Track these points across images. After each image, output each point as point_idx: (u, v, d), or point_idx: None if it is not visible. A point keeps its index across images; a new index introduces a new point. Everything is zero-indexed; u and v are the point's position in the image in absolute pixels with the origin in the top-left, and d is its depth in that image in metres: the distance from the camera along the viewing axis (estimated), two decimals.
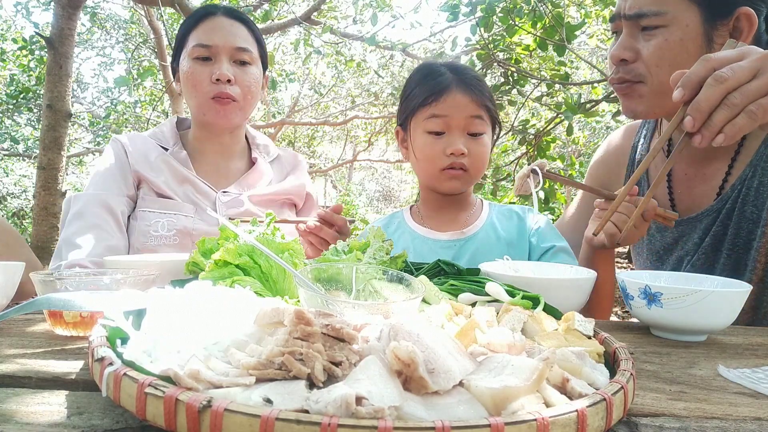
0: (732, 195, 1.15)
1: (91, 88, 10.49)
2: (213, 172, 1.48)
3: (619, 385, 0.47)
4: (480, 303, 0.74)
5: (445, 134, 1.22)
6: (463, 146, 1.20)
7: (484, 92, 1.24)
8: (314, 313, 0.49)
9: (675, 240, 1.25)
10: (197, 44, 1.36)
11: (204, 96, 1.36)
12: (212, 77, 1.34)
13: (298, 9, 6.38)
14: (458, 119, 1.21)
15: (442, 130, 1.22)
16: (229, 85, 1.35)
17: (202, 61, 1.36)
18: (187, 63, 1.37)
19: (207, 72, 1.35)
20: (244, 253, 0.76)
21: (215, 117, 1.38)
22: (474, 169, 1.24)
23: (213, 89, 1.35)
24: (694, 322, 0.78)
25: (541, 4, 2.86)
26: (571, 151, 7.33)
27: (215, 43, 1.35)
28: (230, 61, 1.37)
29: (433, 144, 1.22)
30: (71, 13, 4.22)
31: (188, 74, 1.37)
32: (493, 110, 1.27)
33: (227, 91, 1.35)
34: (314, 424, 0.36)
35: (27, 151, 9.51)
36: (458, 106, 1.21)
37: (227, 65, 1.36)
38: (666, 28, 1.08)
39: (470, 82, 1.24)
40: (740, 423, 0.50)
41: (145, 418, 0.41)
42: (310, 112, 11.05)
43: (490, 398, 0.42)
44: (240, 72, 1.38)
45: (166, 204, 1.37)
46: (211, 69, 1.35)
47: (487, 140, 1.24)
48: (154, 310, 0.54)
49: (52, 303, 0.61)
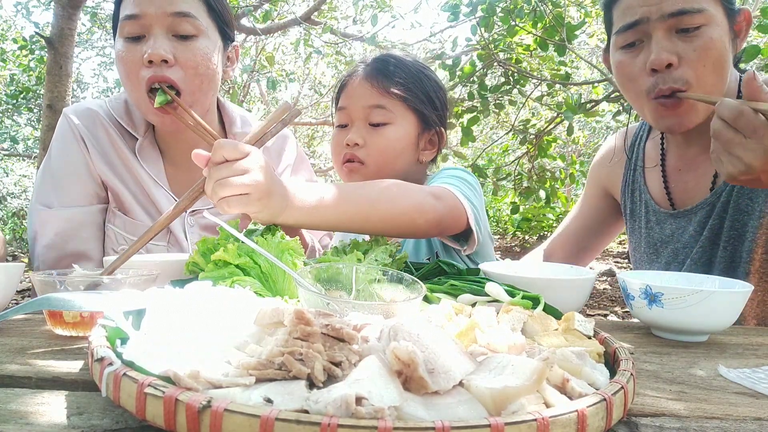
0: (726, 188, 1.15)
1: (91, 88, 10.48)
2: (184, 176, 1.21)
3: (619, 385, 0.47)
4: (480, 303, 0.74)
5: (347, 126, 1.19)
6: (359, 137, 1.15)
7: (392, 80, 1.15)
8: (314, 313, 0.49)
9: (672, 232, 1.25)
10: (125, 16, 1.05)
11: (139, 87, 1.05)
12: (143, 59, 1.03)
13: (298, 9, 6.38)
14: (356, 109, 1.17)
15: (346, 122, 1.19)
16: (167, 67, 1.04)
17: (132, 41, 1.05)
18: (118, 44, 1.07)
19: (139, 54, 1.03)
20: (244, 253, 0.76)
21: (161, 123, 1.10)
22: (372, 162, 1.16)
23: (146, 75, 1.03)
24: (695, 322, 0.78)
25: (541, 4, 2.86)
26: (571, 150, 7.33)
27: (144, 11, 1.03)
28: (168, 34, 1.05)
29: (336, 137, 1.20)
30: (71, 13, 4.22)
31: (118, 59, 1.06)
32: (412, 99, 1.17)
33: (165, 74, 1.03)
34: (314, 424, 0.36)
35: (27, 151, 9.50)
36: (356, 96, 1.17)
37: (162, 40, 1.04)
38: (708, 26, 1.03)
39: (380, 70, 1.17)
40: (740, 423, 0.50)
41: (145, 418, 0.41)
42: (310, 112, 11.05)
43: (490, 398, 0.42)
44: (181, 47, 1.05)
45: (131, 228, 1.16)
46: (143, 48, 1.04)
47: (391, 131, 1.16)
48: (153, 310, 0.54)
49: (52, 303, 0.61)
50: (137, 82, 1.05)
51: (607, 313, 4.20)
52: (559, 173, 3.77)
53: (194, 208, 1.21)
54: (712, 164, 0.90)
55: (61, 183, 1.15)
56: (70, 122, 1.17)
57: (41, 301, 0.61)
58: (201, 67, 1.08)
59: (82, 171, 1.15)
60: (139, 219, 1.17)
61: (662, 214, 1.28)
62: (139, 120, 1.20)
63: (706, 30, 1.03)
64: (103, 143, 1.16)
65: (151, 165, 1.18)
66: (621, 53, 1.12)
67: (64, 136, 1.17)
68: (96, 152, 1.15)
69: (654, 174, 1.31)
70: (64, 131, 1.18)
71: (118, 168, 1.16)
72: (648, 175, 1.33)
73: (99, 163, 1.15)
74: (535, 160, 3.63)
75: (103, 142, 1.16)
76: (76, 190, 1.15)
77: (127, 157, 1.17)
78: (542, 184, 3.66)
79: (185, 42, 1.06)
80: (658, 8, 1.04)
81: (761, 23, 2.32)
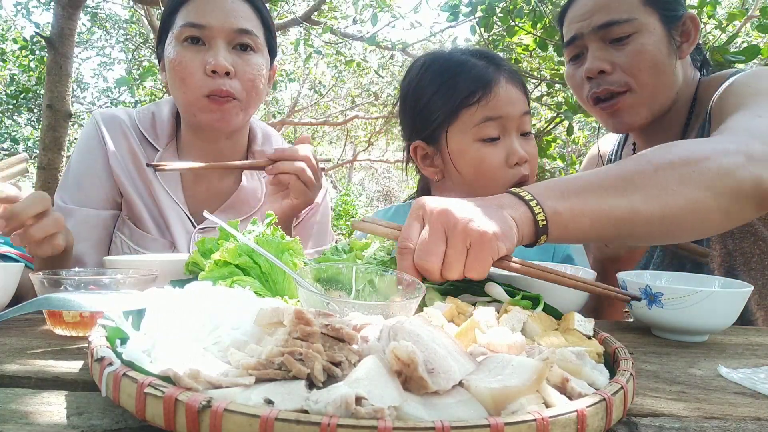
0: None
1: (91, 88, 10.49)
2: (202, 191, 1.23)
3: (619, 385, 0.47)
4: (480, 303, 0.74)
5: (500, 139, 1.01)
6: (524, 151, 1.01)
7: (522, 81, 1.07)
8: (314, 313, 0.49)
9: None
10: (186, 23, 1.08)
11: (195, 92, 1.09)
12: (206, 68, 1.07)
13: (298, 9, 6.38)
14: (514, 119, 1.01)
15: (498, 135, 1.01)
16: (228, 79, 1.08)
17: (192, 46, 1.08)
18: (174, 48, 1.09)
19: (199, 60, 1.07)
20: (244, 253, 0.76)
21: (210, 119, 1.11)
22: (532, 177, 1.04)
23: (207, 84, 1.07)
24: (695, 322, 0.78)
25: (541, 4, 2.86)
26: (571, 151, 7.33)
27: (209, 22, 1.07)
28: (228, 47, 1.09)
29: (492, 154, 1.00)
30: (71, 13, 4.22)
31: (175, 62, 1.09)
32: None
33: (226, 88, 1.07)
34: (314, 424, 0.36)
35: (27, 151, 9.50)
36: (512, 102, 1.00)
37: (225, 52, 1.08)
38: (638, 34, 1.09)
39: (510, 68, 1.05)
40: (740, 423, 0.50)
41: (145, 418, 0.41)
42: (310, 112, 11.04)
43: (490, 398, 0.42)
44: (241, 62, 1.10)
45: (139, 239, 1.17)
46: (204, 57, 1.07)
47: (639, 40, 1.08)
48: (153, 310, 0.54)
49: (52, 303, 0.61)
50: (194, 85, 1.08)
51: None
52: (559, 173, 3.77)
53: (204, 226, 1.21)
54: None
55: (81, 183, 1.18)
56: (96, 126, 1.19)
57: (41, 301, 0.61)
58: (256, 81, 1.12)
59: (102, 174, 1.17)
60: (147, 230, 1.17)
61: None
62: (163, 133, 1.22)
63: (637, 37, 1.09)
64: (122, 151, 1.18)
65: (167, 178, 1.20)
66: (569, 66, 1.22)
67: (89, 138, 1.20)
68: (115, 158, 1.17)
69: None
70: (90, 134, 1.20)
71: (134, 177, 1.18)
72: None
73: (117, 168, 1.17)
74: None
75: (123, 150, 1.18)
76: (94, 192, 1.18)
77: (143, 168, 1.18)
78: None
79: (244, 56, 1.11)
80: (589, 23, 1.12)
81: (761, 23, 2.32)
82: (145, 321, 0.53)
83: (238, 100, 1.11)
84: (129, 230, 1.18)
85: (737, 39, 3.34)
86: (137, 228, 1.18)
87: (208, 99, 1.09)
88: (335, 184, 17.88)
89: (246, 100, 1.12)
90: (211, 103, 1.09)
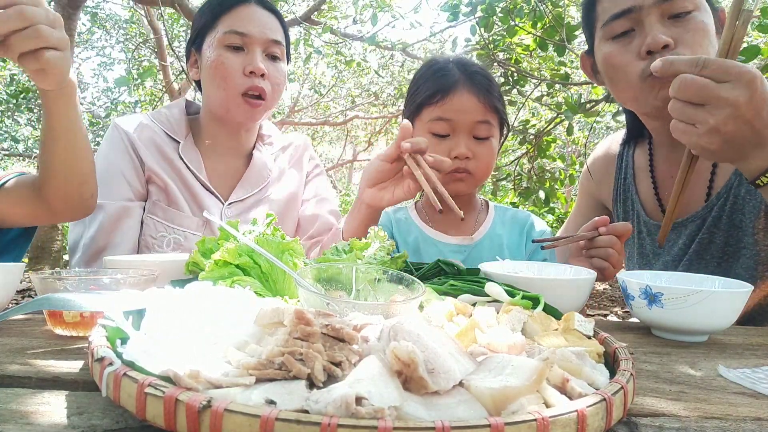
0: (718, 203, 1.14)
1: (91, 88, 10.47)
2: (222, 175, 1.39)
3: (619, 385, 0.47)
4: (480, 303, 0.74)
5: (449, 136, 1.18)
6: (468, 150, 1.16)
7: (492, 93, 1.19)
8: (314, 313, 0.49)
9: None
10: (231, 31, 1.26)
11: (234, 89, 1.27)
12: (245, 69, 1.25)
13: (298, 9, 6.38)
14: (464, 123, 1.17)
15: (447, 132, 1.18)
16: (262, 80, 1.28)
17: (233, 50, 1.27)
18: (215, 50, 1.27)
19: (239, 63, 1.26)
20: (244, 253, 0.76)
21: (242, 116, 1.31)
22: (479, 173, 1.21)
23: (245, 83, 1.26)
24: (695, 322, 0.78)
25: (541, 4, 2.86)
26: (571, 151, 7.33)
27: (251, 32, 1.27)
28: (263, 54, 1.29)
29: (437, 146, 1.18)
30: (71, 13, 4.22)
31: (217, 62, 1.26)
32: (502, 111, 1.22)
33: (261, 86, 1.27)
34: (314, 424, 0.36)
35: (27, 151, 9.50)
36: (465, 110, 1.16)
37: (261, 57, 1.28)
38: (698, 11, 1.04)
39: (479, 82, 1.18)
40: (740, 423, 0.50)
41: (145, 418, 0.41)
42: (310, 112, 11.04)
43: (490, 398, 0.42)
44: (272, 67, 1.30)
45: (174, 216, 1.30)
46: (242, 60, 1.26)
47: (494, 144, 1.21)
48: (154, 310, 0.54)
49: (52, 303, 0.61)
50: (233, 84, 1.26)
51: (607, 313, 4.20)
52: (559, 174, 3.77)
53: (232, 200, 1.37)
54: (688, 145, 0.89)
55: (107, 181, 1.27)
56: (119, 130, 1.33)
57: (41, 301, 0.61)
58: (281, 85, 1.34)
59: (127, 172, 1.29)
60: (182, 209, 1.31)
61: (653, 225, 1.26)
62: (180, 128, 1.38)
63: (697, 15, 1.04)
64: (151, 146, 1.33)
65: (193, 162, 1.36)
66: (611, 44, 1.11)
67: (113, 141, 1.32)
68: (148, 153, 1.31)
69: (645, 182, 1.29)
70: (113, 137, 1.33)
71: (165, 166, 1.33)
72: (639, 184, 1.31)
73: (150, 162, 1.30)
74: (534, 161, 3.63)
75: (151, 145, 1.33)
76: (120, 188, 1.28)
77: (172, 157, 1.34)
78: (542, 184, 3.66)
79: (274, 62, 1.32)
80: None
81: (761, 23, 2.31)
82: (145, 321, 0.53)
83: (265, 101, 1.29)
84: (162, 211, 1.30)
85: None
86: (171, 208, 1.30)
87: (243, 98, 1.27)
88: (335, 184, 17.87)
89: (271, 99, 1.31)
90: (245, 103, 1.28)
